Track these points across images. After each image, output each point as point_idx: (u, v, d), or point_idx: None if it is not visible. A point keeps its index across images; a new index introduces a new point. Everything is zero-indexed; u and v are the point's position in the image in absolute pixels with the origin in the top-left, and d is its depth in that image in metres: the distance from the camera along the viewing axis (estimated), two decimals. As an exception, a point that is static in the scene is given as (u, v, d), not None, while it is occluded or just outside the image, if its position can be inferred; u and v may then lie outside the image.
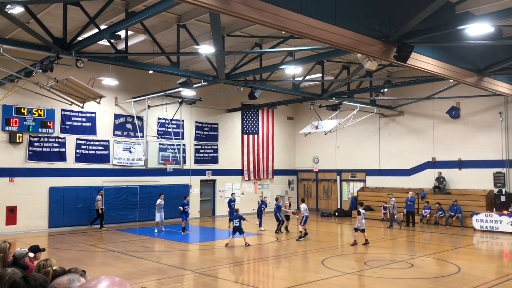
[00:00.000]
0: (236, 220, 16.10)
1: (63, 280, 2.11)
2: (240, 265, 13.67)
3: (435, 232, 20.08)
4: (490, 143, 21.77)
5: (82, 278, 2.18)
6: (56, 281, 2.12)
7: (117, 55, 15.09)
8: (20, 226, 18.88)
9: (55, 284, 2.10)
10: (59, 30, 13.35)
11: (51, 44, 12.87)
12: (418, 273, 11.95)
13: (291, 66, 17.15)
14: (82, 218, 20.59)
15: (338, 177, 28.20)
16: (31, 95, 18.16)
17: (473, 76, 14.95)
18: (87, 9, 12.92)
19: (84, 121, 21.10)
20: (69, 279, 2.12)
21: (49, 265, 5.00)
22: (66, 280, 2.11)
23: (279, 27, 9.16)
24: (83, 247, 15.81)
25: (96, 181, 21.17)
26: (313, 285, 10.64)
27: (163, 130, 22.92)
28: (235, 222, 16.06)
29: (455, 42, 12.58)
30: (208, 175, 25.65)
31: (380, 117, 25.84)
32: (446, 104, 22.74)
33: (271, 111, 28.43)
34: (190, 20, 15.02)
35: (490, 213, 19.88)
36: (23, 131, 19.17)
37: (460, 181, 22.69)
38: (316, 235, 20.41)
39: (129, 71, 20.05)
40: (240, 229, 15.94)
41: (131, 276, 11.82)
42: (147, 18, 12.24)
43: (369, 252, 15.37)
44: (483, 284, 10.61)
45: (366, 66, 12.45)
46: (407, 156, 24.59)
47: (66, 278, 2.13)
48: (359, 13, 10.58)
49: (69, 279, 2.12)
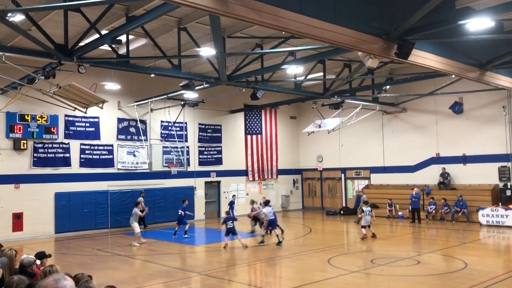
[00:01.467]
0: (229, 222, 15.95)
1: (49, 281, 2.13)
2: (247, 266, 13.68)
3: (441, 228, 20.03)
4: (494, 138, 21.69)
5: (67, 277, 2.20)
6: (42, 283, 2.14)
7: (119, 60, 15.14)
8: (27, 232, 18.96)
9: (41, 286, 2.12)
10: (60, 36, 13.42)
11: (53, 51, 12.94)
12: (425, 269, 11.92)
13: (293, 66, 17.15)
14: (88, 222, 20.66)
15: (343, 175, 28.18)
16: (34, 101, 18.24)
17: (475, 71, 14.91)
18: (88, 14, 12.97)
19: (87, 126, 21.18)
20: (54, 279, 2.14)
21: (54, 270, 5.04)
22: (52, 281, 2.13)
23: (279, 27, 9.17)
24: (90, 252, 15.86)
25: (101, 186, 21.24)
26: (320, 284, 10.64)
27: (167, 133, 22.96)
28: (229, 224, 15.87)
29: (456, 38, 12.54)
30: (212, 177, 25.68)
31: (383, 114, 25.80)
32: (449, 99, 22.69)
33: (273, 111, 28.44)
34: (190, 23, 15.05)
35: (496, 207, 19.82)
36: (27, 138, 19.26)
37: (465, 176, 22.62)
38: (322, 233, 20.41)
39: (131, 75, 20.11)
40: (234, 231, 15.85)
41: (138, 279, 11.87)
42: (148, 22, 12.28)
43: (375, 250, 15.35)
44: (491, 279, 10.57)
45: (367, 64, 12.42)
46: (411, 152, 24.55)
47: (52, 278, 2.15)
48: (359, 11, 10.57)
49: (54, 279, 2.14)
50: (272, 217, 17.13)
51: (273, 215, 17.22)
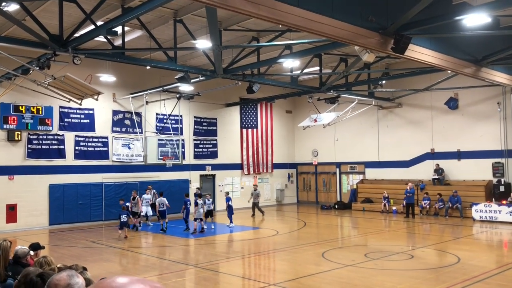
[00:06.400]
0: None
1: (63, 276, 2.13)
2: (241, 259, 13.71)
3: (435, 223, 20.14)
4: (488, 134, 21.79)
5: (80, 275, 2.20)
6: (56, 277, 2.14)
7: (114, 51, 15.05)
8: (21, 224, 18.90)
9: (55, 280, 2.12)
10: (55, 27, 13.31)
11: (48, 41, 12.82)
12: (419, 264, 12.00)
13: (289, 60, 17.11)
14: (82, 215, 20.63)
15: (338, 169, 28.24)
16: (28, 92, 18.13)
17: (470, 66, 14.94)
18: (83, 5, 12.86)
19: (82, 118, 21.08)
20: (68, 275, 2.14)
21: (50, 261, 5.03)
22: (65, 276, 2.13)
23: (275, 20, 9.14)
24: (84, 244, 15.84)
25: (95, 178, 21.18)
26: (314, 278, 10.69)
27: (162, 126, 22.90)
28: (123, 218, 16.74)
29: (453, 33, 12.56)
30: (207, 170, 25.66)
31: (379, 109, 25.84)
32: (444, 95, 22.74)
33: (269, 105, 28.40)
34: (186, 15, 14.97)
35: (489, 203, 19.94)
36: (22, 129, 19.14)
37: (459, 171, 22.73)
38: (316, 228, 20.49)
39: (127, 67, 20.00)
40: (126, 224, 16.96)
41: (132, 271, 11.87)
42: (144, 13, 12.17)
43: (369, 244, 15.43)
44: (483, 273, 10.66)
45: (364, 58, 12.41)
46: (406, 147, 24.62)
47: (65, 274, 2.15)
48: (356, 5, 10.55)
49: (68, 275, 2.14)
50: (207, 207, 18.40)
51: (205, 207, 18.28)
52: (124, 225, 16.71)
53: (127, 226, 17.09)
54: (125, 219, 16.79)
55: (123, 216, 16.70)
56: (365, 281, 10.30)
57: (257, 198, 22.90)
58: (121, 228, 16.69)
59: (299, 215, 24.74)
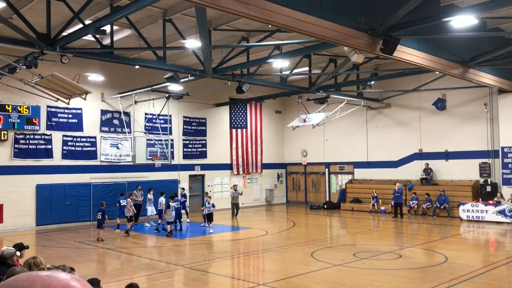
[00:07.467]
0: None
1: (63, 277, 2.11)
2: (230, 259, 13.69)
3: (423, 222, 20.31)
4: (476, 134, 22.02)
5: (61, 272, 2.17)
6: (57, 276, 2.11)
7: (103, 50, 14.93)
8: (7, 225, 18.66)
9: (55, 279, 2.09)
10: (42, 25, 13.17)
11: (35, 40, 12.68)
12: (406, 263, 12.08)
13: (278, 60, 17.13)
14: (70, 215, 20.43)
15: (327, 170, 28.34)
16: (15, 91, 17.91)
17: (458, 67, 15.10)
18: (71, 3, 12.74)
19: (70, 117, 20.88)
20: (71, 277, 2.11)
21: (39, 262, 4.98)
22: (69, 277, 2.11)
23: (265, 20, 9.15)
24: (71, 244, 15.69)
25: (83, 178, 21.00)
26: (303, 277, 10.71)
27: (151, 126, 22.77)
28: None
29: (441, 34, 12.69)
30: (197, 170, 25.59)
31: (367, 109, 25.98)
32: (432, 96, 22.92)
33: (259, 105, 28.40)
34: (176, 14, 14.91)
35: (476, 203, 20.15)
36: (8, 128, 18.90)
37: (447, 172, 22.94)
38: (305, 227, 20.54)
39: (115, 66, 19.86)
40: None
41: (120, 272, 11.79)
42: (132, 12, 12.08)
43: (358, 244, 15.50)
44: (470, 272, 10.77)
45: (353, 59, 12.49)
46: (395, 148, 24.78)
47: (69, 276, 2.13)
48: (345, 6, 10.60)
49: (71, 277, 2.11)
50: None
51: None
52: (100, 224, 16.24)
53: (101, 226, 16.37)
54: (100, 217, 16.23)
55: (99, 213, 16.28)
56: (354, 281, 10.34)
57: (237, 199, 22.74)
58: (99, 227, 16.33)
59: (289, 215, 24.79)
